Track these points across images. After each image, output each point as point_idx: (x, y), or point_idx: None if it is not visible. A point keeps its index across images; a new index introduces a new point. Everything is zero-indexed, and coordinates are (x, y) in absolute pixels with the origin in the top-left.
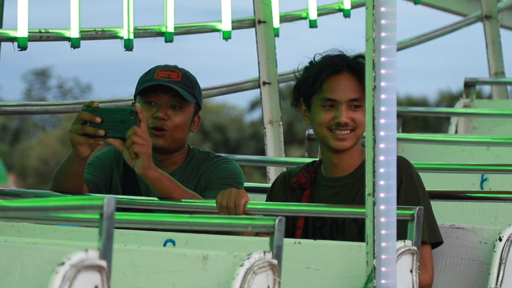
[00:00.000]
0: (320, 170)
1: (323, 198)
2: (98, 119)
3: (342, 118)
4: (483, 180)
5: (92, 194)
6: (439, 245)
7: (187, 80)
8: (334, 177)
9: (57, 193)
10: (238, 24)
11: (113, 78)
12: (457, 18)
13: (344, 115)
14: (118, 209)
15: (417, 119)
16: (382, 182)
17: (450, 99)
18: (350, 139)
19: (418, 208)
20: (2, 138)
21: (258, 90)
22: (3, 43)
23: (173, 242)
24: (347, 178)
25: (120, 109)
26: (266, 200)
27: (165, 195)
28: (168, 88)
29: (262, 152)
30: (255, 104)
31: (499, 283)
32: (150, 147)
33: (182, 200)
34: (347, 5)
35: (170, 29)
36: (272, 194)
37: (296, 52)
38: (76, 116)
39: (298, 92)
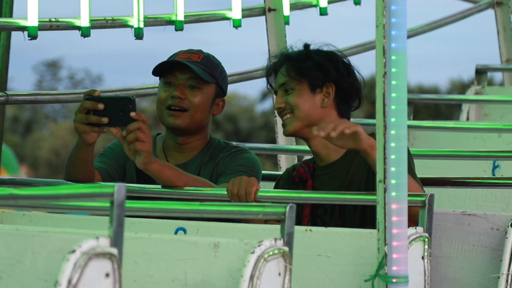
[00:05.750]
0: (316, 162)
1: (321, 186)
2: (101, 106)
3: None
4: (494, 167)
5: (103, 182)
6: None
7: (208, 61)
8: (327, 164)
9: (68, 182)
10: (248, 12)
11: (124, 69)
12: (468, 5)
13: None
14: (130, 198)
15: (429, 107)
16: (393, 169)
17: (461, 88)
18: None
19: (429, 194)
20: (14, 130)
21: None
22: (14, 35)
23: (184, 230)
24: (338, 161)
25: (119, 98)
26: None
27: (170, 184)
28: (185, 69)
29: (273, 142)
30: (266, 94)
31: (511, 270)
32: (151, 145)
33: (193, 188)
34: None
35: (180, 17)
36: (277, 188)
37: (306, 40)
38: (79, 105)
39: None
